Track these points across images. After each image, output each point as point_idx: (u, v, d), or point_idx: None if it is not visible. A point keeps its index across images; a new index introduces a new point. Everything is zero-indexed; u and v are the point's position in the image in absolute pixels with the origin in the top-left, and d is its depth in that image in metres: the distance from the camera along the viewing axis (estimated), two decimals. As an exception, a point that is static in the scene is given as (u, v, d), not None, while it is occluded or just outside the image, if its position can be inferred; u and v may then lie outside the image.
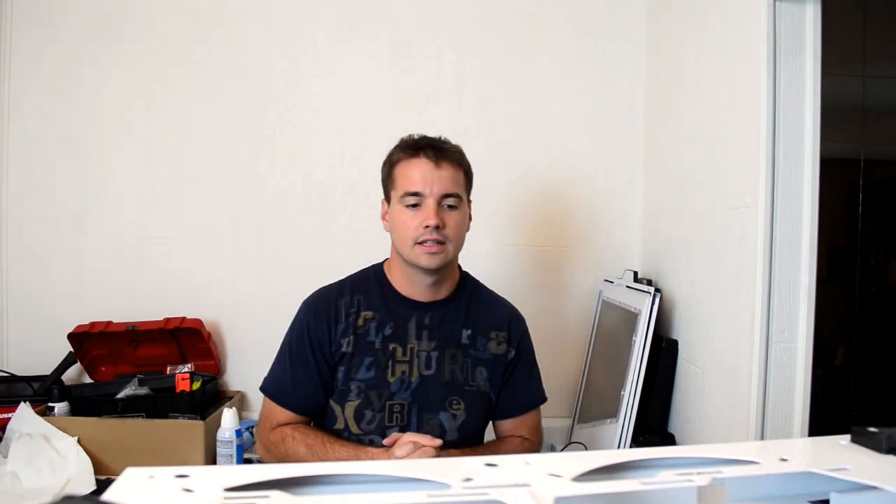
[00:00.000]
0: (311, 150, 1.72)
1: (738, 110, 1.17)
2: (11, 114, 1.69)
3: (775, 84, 1.05)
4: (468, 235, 1.13)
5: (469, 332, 1.12)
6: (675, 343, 1.40)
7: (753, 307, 1.08)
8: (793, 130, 1.06)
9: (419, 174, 1.05)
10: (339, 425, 1.07)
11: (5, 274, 1.70)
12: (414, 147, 1.08)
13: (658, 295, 1.35)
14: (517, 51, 1.73)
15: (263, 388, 1.12)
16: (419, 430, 1.06)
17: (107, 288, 1.69)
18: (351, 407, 1.07)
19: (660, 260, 1.58)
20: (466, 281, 1.18)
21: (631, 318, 1.41)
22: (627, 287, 1.50)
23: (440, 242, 1.04)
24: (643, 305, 1.36)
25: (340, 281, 1.16)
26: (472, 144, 1.79)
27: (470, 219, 1.13)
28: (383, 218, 1.12)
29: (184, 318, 1.63)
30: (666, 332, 1.44)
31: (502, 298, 1.22)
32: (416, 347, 1.09)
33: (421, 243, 1.04)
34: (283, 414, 1.09)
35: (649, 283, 1.47)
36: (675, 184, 1.51)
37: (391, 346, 1.09)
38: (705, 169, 1.32)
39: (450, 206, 1.06)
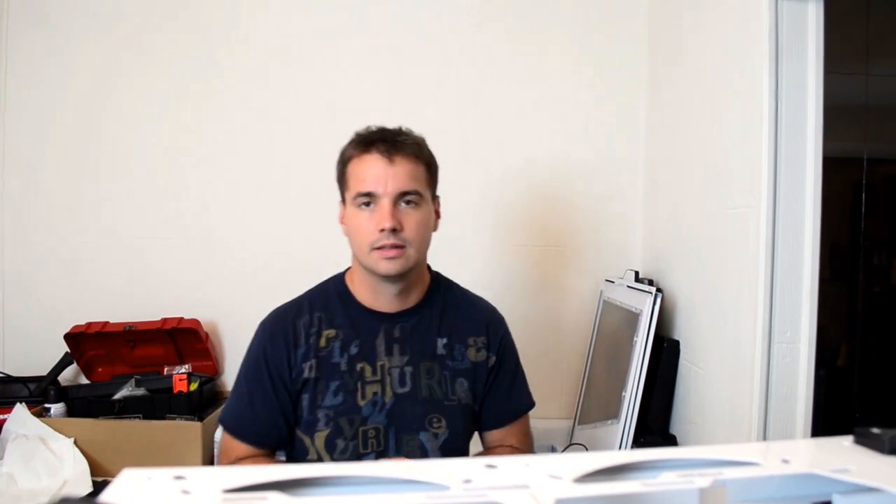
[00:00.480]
0: (311, 150, 1.72)
1: (740, 109, 1.16)
2: (9, 114, 1.69)
3: (777, 82, 1.05)
4: (470, 236, 1.09)
5: (445, 340, 1.02)
6: (677, 343, 1.39)
7: (755, 307, 1.07)
8: (795, 129, 1.05)
9: (371, 172, 0.94)
10: (312, 456, 0.98)
11: (1, 274, 1.70)
12: (365, 142, 0.97)
13: (659, 295, 1.34)
14: (518, 50, 1.72)
15: (221, 420, 1.03)
16: (398, 454, 0.97)
17: (104, 288, 1.69)
18: (321, 437, 0.97)
19: (661, 260, 1.58)
20: (438, 284, 1.07)
21: (632, 318, 1.40)
22: (629, 287, 1.50)
23: (398, 246, 0.93)
24: (644, 305, 1.35)
25: (298, 298, 1.05)
26: (472, 144, 1.80)
27: (437, 216, 1.03)
28: (341, 221, 1.02)
29: (181, 319, 1.63)
30: (667, 332, 1.44)
31: (479, 299, 1.11)
32: (386, 364, 0.99)
33: (378, 248, 0.94)
34: (242, 448, 1.00)
35: (651, 283, 1.46)
36: (676, 183, 1.51)
37: (359, 366, 0.99)
38: (707, 168, 1.32)
39: (408, 204, 0.95)
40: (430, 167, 1.00)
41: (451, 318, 1.04)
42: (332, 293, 1.04)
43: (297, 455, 1.00)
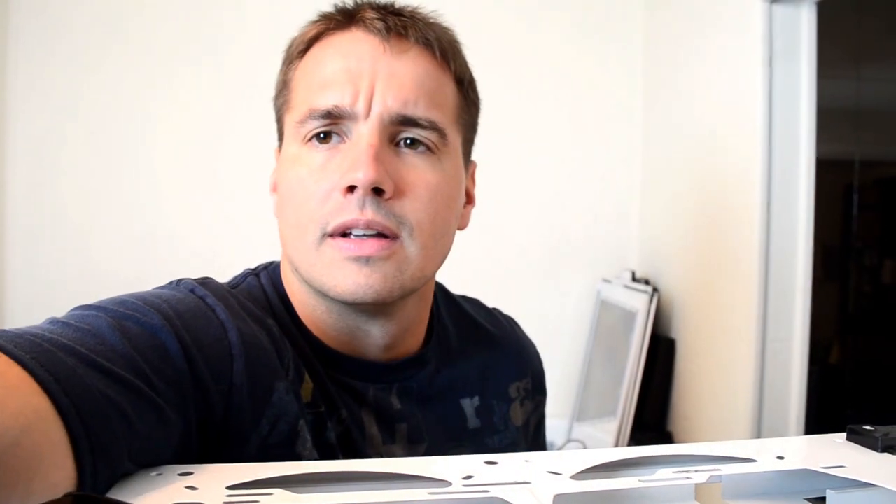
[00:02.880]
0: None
1: (735, 111, 1.17)
2: (14, 114, 1.69)
3: (771, 86, 1.06)
4: (465, 235, 0.55)
5: (476, 401, 0.56)
6: (673, 342, 1.40)
7: (750, 306, 1.08)
8: (788, 132, 1.06)
9: (340, 65, 0.45)
10: None
11: (7, 274, 1.69)
12: (344, 13, 0.48)
13: (656, 294, 1.36)
14: (516, 51, 1.73)
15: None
16: None
17: (107, 288, 1.68)
18: None
19: (657, 260, 1.59)
20: (438, 304, 0.58)
21: (629, 317, 1.42)
22: (625, 287, 1.51)
23: (385, 235, 0.44)
24: (641, 305, 1.36)
25: (235, 293, 0.51)
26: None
27: (469, 198, 0.55)
28: (273, 191, 0.52)
29: (180, 319, 1.63)
30: (663, 331, 1.45)
31: (496, 314, 0.64)
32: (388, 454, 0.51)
33: (341, 235, 0.44)
34: None
35: (647, 282, 1.47)
36: (672, 184, 1.52)
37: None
38: (702, 169, 1.33)
39: (411, 144, 0.46)
40: (466, 90, 0.52)
41: (478, 357, 0.58)
42: (281, 313, 0.50)
43: None
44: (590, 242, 1.74)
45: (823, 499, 0.38)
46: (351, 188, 0.43)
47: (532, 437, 0.62)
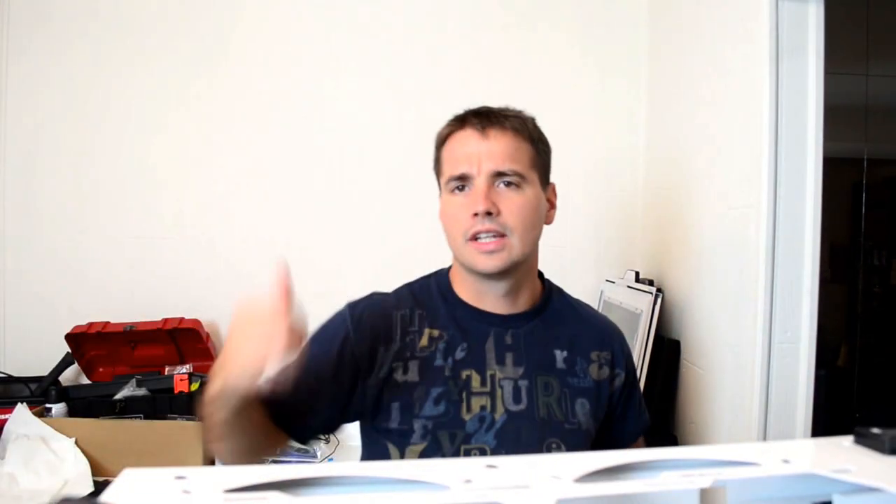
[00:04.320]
0: (312, 149, 1.72)
1: (741, 109, 1.16)
2: (10, 113, 1.69)
3: (778, 83, 1.05)
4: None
5: (565, 353, 0.87)
6: (677, 344, 1.39)
7: (756, 307, 1.07)
8: (795, 129, 1.05)
9: (463, 151, 0.82)
10: None
11: (3, 274, 1.70)
12: (459, 119, 0.85)
13: (660, 295, 1.34)
14: (518, 52, 1.72)
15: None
16: None
17: (105, 288, 1.69)
18: (414, 452, 0.81)
19: (662, 260, 1.58)
20: (552, 291, 0.93)
21: (633, 318, 1.41)
22: (629, 287, 1.50)
23: (499, 235, 0.79)
24: (645, 306, 1.35)
25: (398, 289, 0.90)
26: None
27: (552, 206, 0.89)
28: (440, 217, 0.87)
29: (182, 319, 1.63)
30: (668, 332, 1.44)
31: (592, 307, 0.97)
32: (497, 374, 0.84)
33: (474, 239, 0.80)
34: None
35: (651, 283, 1.46)
36: (677, 183, 1.51)
37: (465, 374, 0.83)
38: (707, 168, 1.32)
39: (508, 186, 0.81)
40: (537, 145, 0.86)
41: (571, 328, 0.89)
42: (434, 289, 0.89)
43: None
44: (593, 242, 1.73)
45: (830, 503, 0.37)
46: (475, 214, 0.80)
47: (623, 403, 0.91)
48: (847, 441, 0.44)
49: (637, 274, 1.56)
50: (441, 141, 0.87)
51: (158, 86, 1.70)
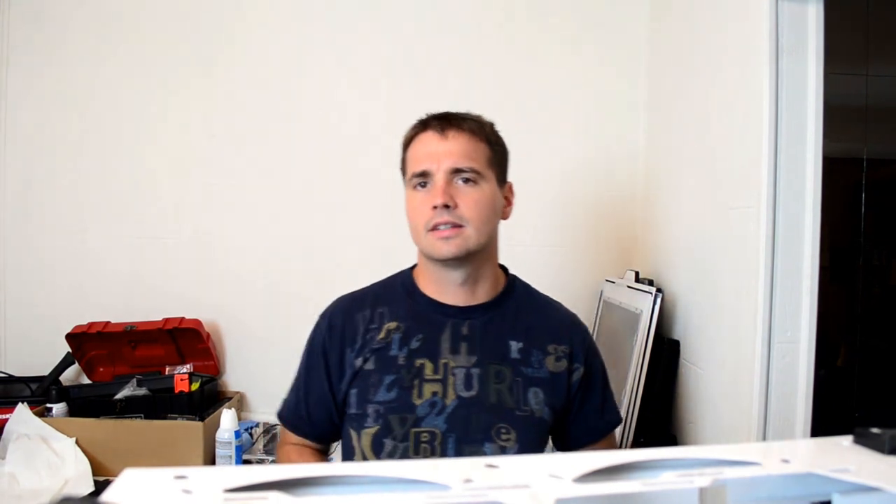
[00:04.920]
0: (312, 151, 1.72)
1: (740, 109, 1.16)
2: (10, 114, 1.70)
3: (777, 82, 1.05)
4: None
5: (520, 344, 0.92)
6: (677, 343, 1.39)
7: (755, 307, 1.07)
8: (795, 129, 1.05)
9: (424, 150, 0.90)
10: (357, 457, 0.89)
11: (3, 274, 1.70)
12: (422, 122, 0.94)
13: (660, 295, 1.34)
14: (518, 51, 1.72)
15: (278, 414, 1.00)
16: None
17: (105, 288, 1.69)
18: (367, 435, 0.88)
19: (661, 260, 1.58)
20: (514, 284, 0.99)
21: (632, 318, 1.41)
22: (629, 287, 1.50)
23: (455, 225, 0.86)
24: (644, 306, 1.35)
25: (364, 289, 0.99)
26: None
27: (508, 203, 0.96)
28: (406, 212, 0.95)
29: (182, 319, 1.63)
30: (667, 332, 1.44)
31: (559, 303, 1.03)
32: (450, 363, 0.90)
33: (433, 229, 0.87)
34: (297, 440, 0.99)
35: (651, 283, 1.46)
36: (676, 183, 1.51)
37: (418, 362, 0.90)
38: (707, 168, 1.32)
39: (465, 182, 0.88)
40: (493, 146, 0.93)
41: (529, 320, 0.95)
42: (399, 287, 0.97)
43: (344, 455, 0.94)
44: (592, 242, 1.73)
45: (829, 503, 0.37)
46: (435, 207, 0.87)
47: (581, 397, 0.95)
48: (846, 441, 0.44)
49: (637, 274, 1.56)
50: (406, 143, 0.94)
51: (158, 86, 1.70)
